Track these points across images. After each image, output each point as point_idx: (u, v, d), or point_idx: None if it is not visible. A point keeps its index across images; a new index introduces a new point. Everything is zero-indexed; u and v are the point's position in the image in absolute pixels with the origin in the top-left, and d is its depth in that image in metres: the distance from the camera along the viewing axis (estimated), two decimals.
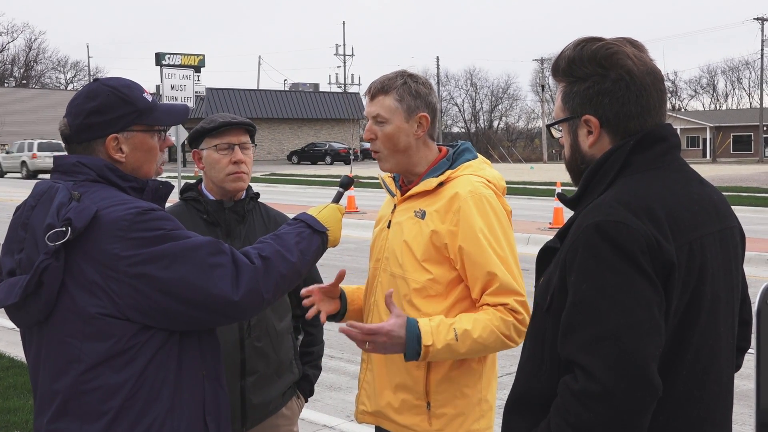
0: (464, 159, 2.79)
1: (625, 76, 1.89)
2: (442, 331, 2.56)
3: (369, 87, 2.79)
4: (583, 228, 1.80)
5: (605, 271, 1.74)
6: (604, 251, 1.75)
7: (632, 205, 1.79)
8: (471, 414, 2.73)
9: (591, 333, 1.73)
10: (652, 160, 1.90)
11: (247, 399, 3.04)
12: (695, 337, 1.82)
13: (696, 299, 1.82)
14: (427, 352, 2.55)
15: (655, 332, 1.73)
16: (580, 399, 1.73)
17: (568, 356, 1.77)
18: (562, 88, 1.99)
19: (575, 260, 1.79)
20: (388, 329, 2.53)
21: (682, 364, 1.82)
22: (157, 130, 2.34)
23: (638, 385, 1.70)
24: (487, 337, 2.58)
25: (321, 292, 2.78)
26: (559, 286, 1.84)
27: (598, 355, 1.71)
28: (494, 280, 2.60)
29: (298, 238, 2.35)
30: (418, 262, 2.68)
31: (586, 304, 1.75)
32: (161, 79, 25.14)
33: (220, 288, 2.13)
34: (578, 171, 2.00)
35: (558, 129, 2.03)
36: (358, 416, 2.90)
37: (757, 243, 13.90)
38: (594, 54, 1.91)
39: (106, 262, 2.09)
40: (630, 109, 1.90)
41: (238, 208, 3.14)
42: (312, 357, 3.41)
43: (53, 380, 2.17)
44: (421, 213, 2.71)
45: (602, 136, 1.94)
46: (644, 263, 1.74)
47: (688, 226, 1.83)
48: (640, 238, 1.75)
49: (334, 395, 6.48)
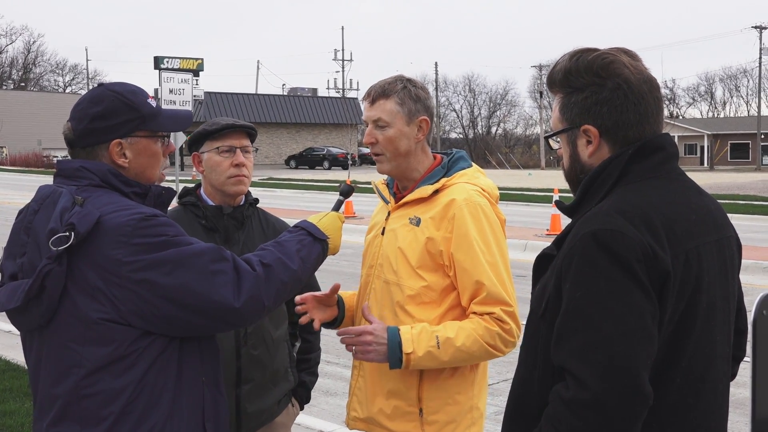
0: (459, 167, 2.80)
1: (622, 84, 1.90)
2: (423, 339, 2.58)
3: (368, 91, 2.79)
4: (579, 236, 1.81)
5: (600, 280, 1.75)
6: (600, 259, 1.76)
7: (629, 214, 1.80)
8: (463, 421, 2.73)
9: (583, 340, 1.74)
10: (650, 169, 1.91)
11: (242, 407, 3.03)
12: (690, 345, 1.83)
13: (691, 308, 1.83)
14: (408, 360, 2.58)
15: (648, 341, 1.74)
16: (570, 407, 1.73)
17: (560, 363, 1.78)
18: (559, 99, 2.00)
19: (571, 268, 1.80)
20: (372, 329, 2.60)
21: (677, 371, 1.82)
22: (160, 136, 2.35)
23: (629, 393, 1.70)
24: (471, 345, 2.59)
25: (315, 300, 2.78)
26: (554, 293, 1.85)
27: (589, 362, 1.72)
28: (482, 289, 2.62)
29: (299, 246, 2.36)
30: (413, 268, 2.69)
31: (579, 312, 1.77)
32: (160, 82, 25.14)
33: (222, 295, 2.14)
34: (578, 181, 2.01)
35: (556, 140, 2.04)
36: (350, 423, 2.90)
37: (754, 251, 13.91)
38: (590, 64, 1.92)
39: (108, 267, 2.09)
40: (629, 118, 1.91)
41: (237, 214, 3.13)
42: (309, 364, 3.41)
43: (53, 384, 2.17)
44: (416, 220, 2.72)
45: (602, 145, 1.95)
46: (639, 272, 1.75)
47: (685, 235, 1.84)
48: (636, 247, 1.75)
49: (330, 400, 6.49)
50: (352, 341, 2.60)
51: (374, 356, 2.60)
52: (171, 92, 25.08)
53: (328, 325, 2.88)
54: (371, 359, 2.61)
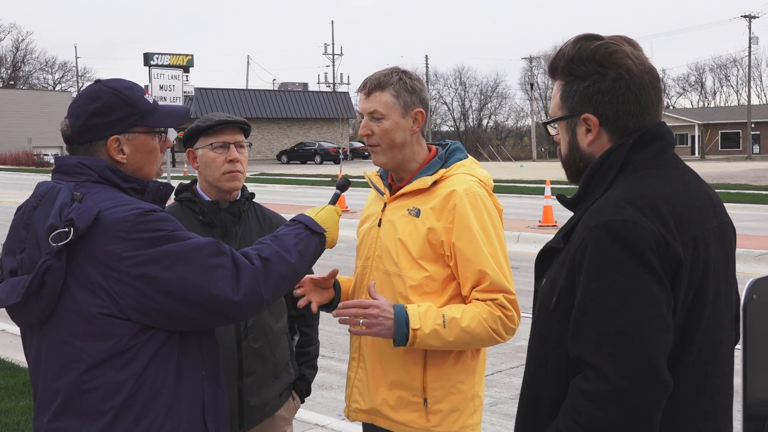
0: (456, 158, 2.82)
1: (624, 75, 1.91)
2: (430, 316, 2.60)
3: (364, 83, 2.80)
4: (591, 228, 1.81)
5: (614, 271, 1.75)
6: (614, 250, 1.76)
7: (638, 204, 1.80)
8: (466, 409, 2.76)
9: (601, 332, 1.74)
10: (651, 157, 1.92)
11: (245, 400, 3.04)
12: (700, 331, 1.84)
13: (701, 294, 1.84)
14: (415, 336, 2.59)
15: (665, 330, 1.74)
16: (591, 399, 1.73)
17: (578, 356, 1.78)
18: (560, 86, 2.00)
19: (584, 260, 1.80)
20: (380, 303, 2.60)
21: (689, 358, 1.83)
22: (158, 132, 2.36)
23: (650, 382, 1.71)
24: (475, 327, 2.61)
25: (312, 283, 2.80)
26: (566, 286, 1.85)
27: (608, 354, 1.72)
28: (485, 278, 2.64)
29: (296, 239, 2.37)
30: (414, 259, 2.70)
31: (595, 304, 1.76)
32: (150, 79, 25.10)
33: (221, 288, 2.15)
34: (575, 168, 2.02)
35: (554, 126, 2.05)
36: (351, 414, 2.90)
37: (746, 240, 13.97)
38: (593, 53, 1.93)
39: (107, 262, 2.10)
40: (629, 108, 1.92)
41: (233, 209, 3.14)
42: (308, 357, 3.42)
43: (54, 379, 2.18)
44: (416, 211, 2.73)
45: (601, 134, 1.96)
46: (653, 261, 1.75)
47: (692, 222, 1.85)
48: (648, 236, 1.76)
49: (326, 394, 6.50)
50: (359, 313, 2.60)
51: (380, 330, 2.60)
52: (161, 89, 25.04)
53: (324, 307, 2.89)
54: (377, 332, 2.61)
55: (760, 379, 1.87)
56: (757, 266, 12.15)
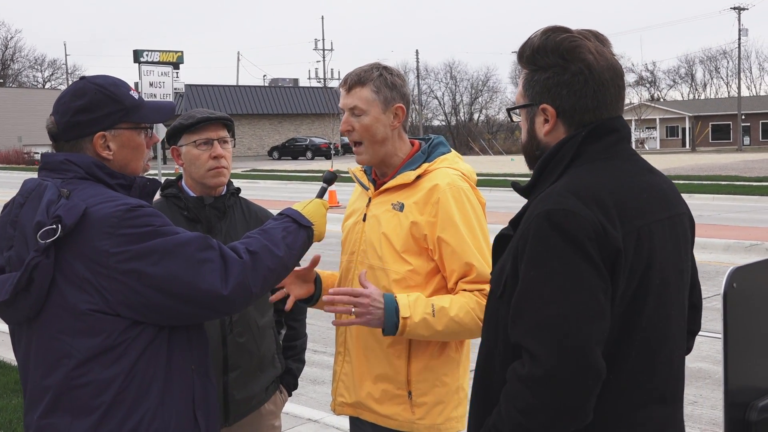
0: (439, 152, 2.84)
1: (584, 70, 1.94)
2: (420, 305, 2.62)
3: (344, 79, 2.81)
4: (533, 216, 1.85)
5: (553, 259, 1.80)
6: (553, 239, 1.80)
7: (581, 194, 1.84)
8: (450, 402, 2.78)
9: (537, 318, 1.79)
10: (603, 150, 1.95)
11: (230, 394, 3.05)
12: (644, 320, 1.88)
13: (644, 284, 1.87)
14: (405, 325, 2.60)
15: (600, 318, 1.78)
16: (525, 383, 1.78)
17: (517, 341, 1.83)
18: (524, 74, 2.04)
19: (525, 247, 1.84)
20: (370, 292, 2.60)
21: (631, 346, 1.87)
22: (143, 128, 2.36)
23: (581, 369, 1.75)
24: (464, 317, 2.63)
25: (293, 275, 2.80)
26: (511, 273, 1.89)
27: (542, 339, 1.77)
28: (472, 270, 2.67)
29: (284, 233, 2.38)
30: (398, 253, 2.72)
31: (533, 291, 1.81)
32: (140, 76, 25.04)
33: (209, 283, 2.16)
34: (533, 156, 2.07)
35: (517, 113, 2.09)
36: (337, 408, 2.92)
37: (736, 231, 14.03)
38: (557, 45, 1.96)
39: (96, 258, 2.11)
40: (586, 103, 1.95)
41: (218, 204, 3.15)
42: (295, 351, 3.43)
43: (44, 376, 2.18)
44: (399, 205, 2.75)
45: (557, 125, 1.99)
46: (591, 250, 1.79)
47: (636, 213, 1.89)
48: (587, 225, 1.80)
49: (318, 389, 6.51)
50: (349, 301, 2.60)
51: (370, 319, 2.61)
52: (151, 85, 24.98)
53: (304, 302, 2.90)
54: (367, 321, 2.62)
55: (741, 367, 1.90)
56: (747, 257, 12.19)
